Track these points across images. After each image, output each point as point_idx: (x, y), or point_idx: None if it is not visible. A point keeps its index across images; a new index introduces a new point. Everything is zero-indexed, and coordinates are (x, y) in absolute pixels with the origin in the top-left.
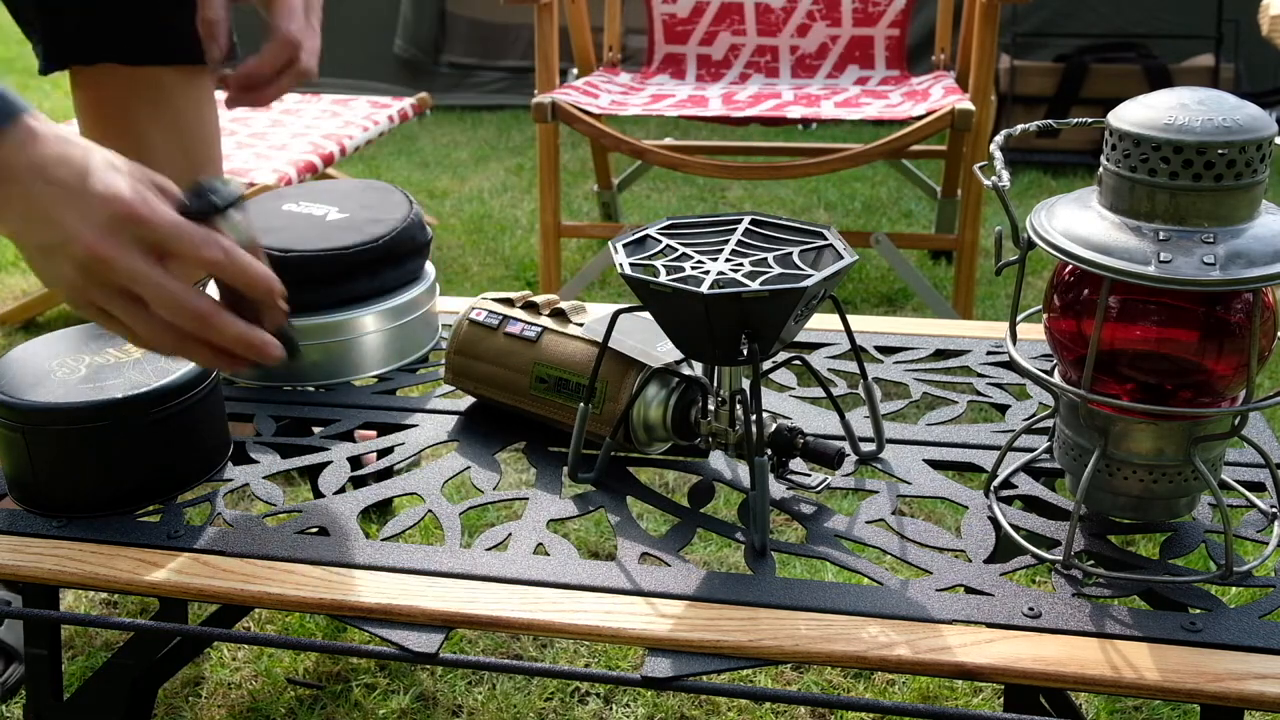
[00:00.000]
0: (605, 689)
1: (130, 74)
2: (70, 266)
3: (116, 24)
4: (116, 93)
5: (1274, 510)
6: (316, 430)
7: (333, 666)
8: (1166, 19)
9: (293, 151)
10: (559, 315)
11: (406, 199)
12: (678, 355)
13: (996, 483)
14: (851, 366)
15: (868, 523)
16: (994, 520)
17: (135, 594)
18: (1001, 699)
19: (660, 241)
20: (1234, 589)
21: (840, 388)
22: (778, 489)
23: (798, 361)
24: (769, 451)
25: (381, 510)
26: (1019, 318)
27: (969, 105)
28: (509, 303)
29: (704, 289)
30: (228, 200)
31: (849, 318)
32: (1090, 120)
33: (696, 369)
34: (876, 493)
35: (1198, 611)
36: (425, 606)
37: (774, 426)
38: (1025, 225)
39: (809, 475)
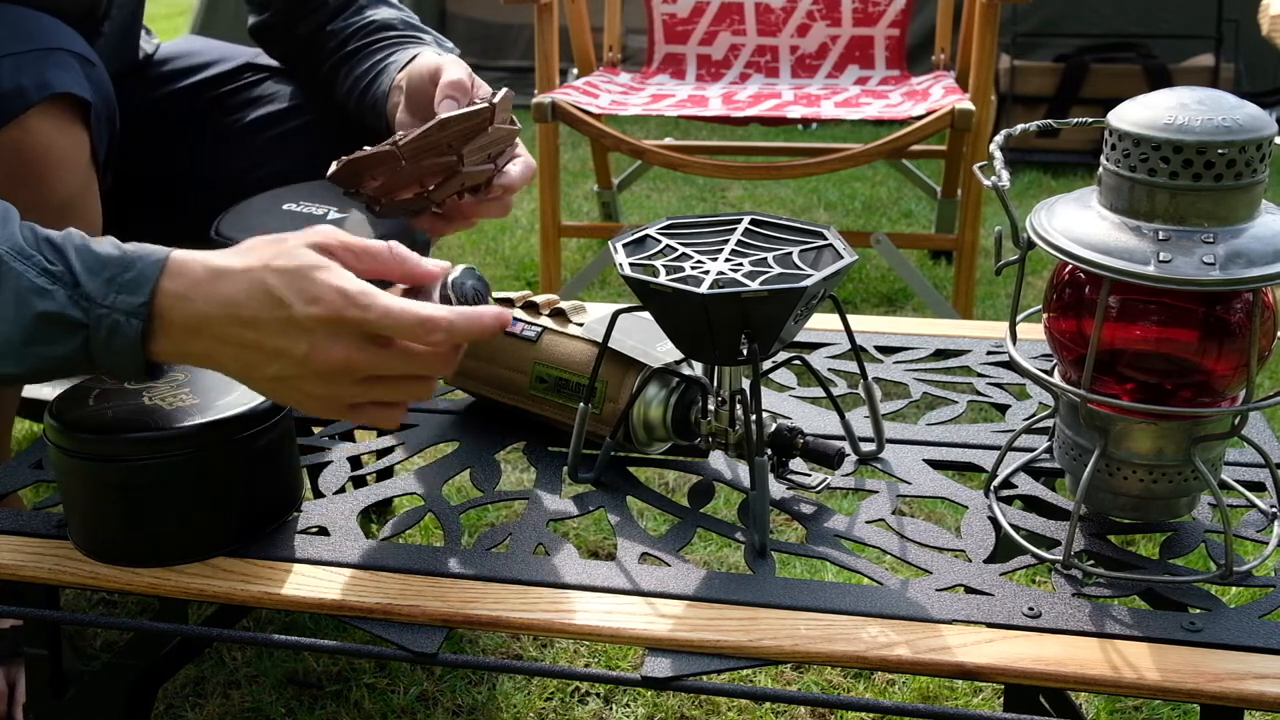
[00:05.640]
0: (605, 689)
1: None
2: (314, 383)
3: None
4: None
5: (1274, 510)
6: (316, 430)
7: (333, 666)
8: (1166, 19)
9: None
10: (559, 315)
11: None
12: (678, 355)
13: (996, 483)
14: (851, 366)
15: (868, 523)
16: (994, 520)
17: (135, 594)
18: (1001, 699)
19: (660, 241)
20: (1234, 589)
21: (840, 388)
22: (778, 489)
23: (798, 361)
24: (769, 451)
25: (381, 510)
26: (1019, 318)
27: (969, 105)
28: (509, 303)
29: (703, 289)
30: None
31: (849, 318)
32: (1090, 120)
33: (696, 369)
34: (876, 493)
35: (1198, 611)
36: (425, 606)
37: (774, 426)
38: (1025, 225)
39: (809, 475)
